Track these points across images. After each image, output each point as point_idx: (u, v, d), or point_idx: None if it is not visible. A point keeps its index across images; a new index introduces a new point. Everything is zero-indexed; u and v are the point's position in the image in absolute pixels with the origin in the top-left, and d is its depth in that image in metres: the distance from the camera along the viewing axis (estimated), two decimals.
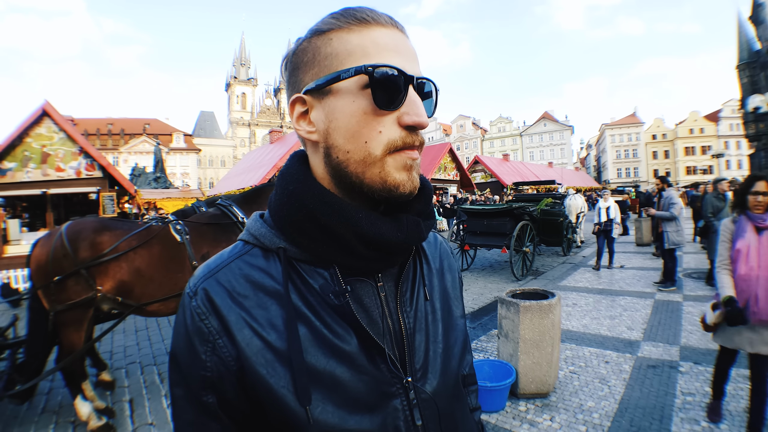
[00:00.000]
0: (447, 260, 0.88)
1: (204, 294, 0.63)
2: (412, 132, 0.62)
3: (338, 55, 0.61)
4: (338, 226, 0.62)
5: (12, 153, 12.74)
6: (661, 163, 68.28)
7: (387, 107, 0.60)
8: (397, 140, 0.61)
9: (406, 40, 0.65)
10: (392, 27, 0.64)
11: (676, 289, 7.60)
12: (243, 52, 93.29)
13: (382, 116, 0.61)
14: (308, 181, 0.66)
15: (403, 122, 0.61)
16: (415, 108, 0.61)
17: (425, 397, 0.68)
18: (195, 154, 66.34)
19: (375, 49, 0.61)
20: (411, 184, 0.63)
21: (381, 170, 0.61)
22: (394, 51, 0.61)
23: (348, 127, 0.62)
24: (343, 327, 0.63)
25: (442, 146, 27.52)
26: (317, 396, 0.59)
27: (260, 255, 0.67)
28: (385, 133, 0.61)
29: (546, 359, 3.80)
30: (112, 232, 3.50)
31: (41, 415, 3.86)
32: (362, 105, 0.61)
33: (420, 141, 0.64)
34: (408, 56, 0.63)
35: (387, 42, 0.62)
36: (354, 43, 0.61)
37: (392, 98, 0.60)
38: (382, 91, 0.59)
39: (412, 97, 0.62)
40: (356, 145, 0.62)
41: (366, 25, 0.62)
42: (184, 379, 0.63)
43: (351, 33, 0.62)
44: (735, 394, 3.70)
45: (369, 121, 0.61)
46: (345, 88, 0.61)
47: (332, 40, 0.62)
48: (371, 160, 0.61)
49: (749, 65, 28.35)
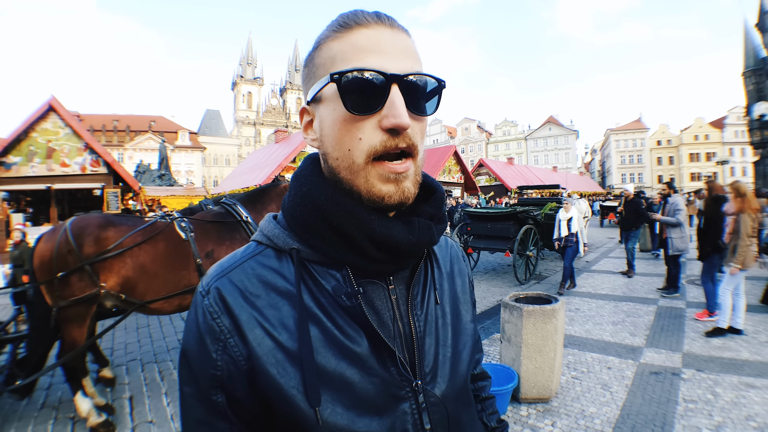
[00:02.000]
0: (458, 264, 0.88)
1: (216, 293, 0.63)
2: (394, 135, 0.60)
3: (324, 65, 0.62)
4: (350, 227, 0.62)
5: (17, 147, 12.83)
6: (665, 169, 68.11)
7: (362, 112, 0.59)
8: (376, 145, 0.59)
9: (396, 35, 0.62)
10: (376, 25, 0.61)
11: (679, 296, 7.55)
12: (250, 51, 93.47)
13: (361, 122, 0.59)
14: (322, 183, 0.66)
15: (383, 125, 0.59)
16: (393, 109, 0.58)
17: (434, 401, 0.68)
18: (200, 153, 66.48)
19: (353, 52, 0.60)
20: (400, 195, 0.62)
21: (366, 180, 0.61)
22: (373, 51, 0.60)
23: (333, 135, 0.62)
24: (354, 329, 0.63)
25: (446, 149, 27.52)
26: (327, 397, 0.59)
27: (273, 256, 0.68)
28: (365, 139, 0.59)
29: (548, 364, 3.78)
30: (117, 228, 3.50)
31: (41, 411, 3.86)
32: (340, 112, 0.60)
33: (408, 143, 0.61)
34: (392, 53, 0.60)
35: (365, 43, 0.60)
36: (335, 49, 0.61)
37: (367, 102, 0.59)
38: (353, 96, 0.58)
39: (392, 97, 0.59)
40: (341, 153, 0.62)
41: (347, 29, 0.61)
42: (194, 377, 0.63)
43: (335, 40, 0.62)
44: (737, 402, 3.67)
45: (349, 128, 0.60)
46: (327, 97, 0.62)
47: (321, 50, 0.63)
48: (356, 169, 0.61)
49: (755, 72, 28.24)
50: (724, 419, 3.44)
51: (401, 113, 0.58)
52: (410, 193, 0.63)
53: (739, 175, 60.00)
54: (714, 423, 3.39)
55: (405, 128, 0.59)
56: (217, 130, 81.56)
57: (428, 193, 0.76)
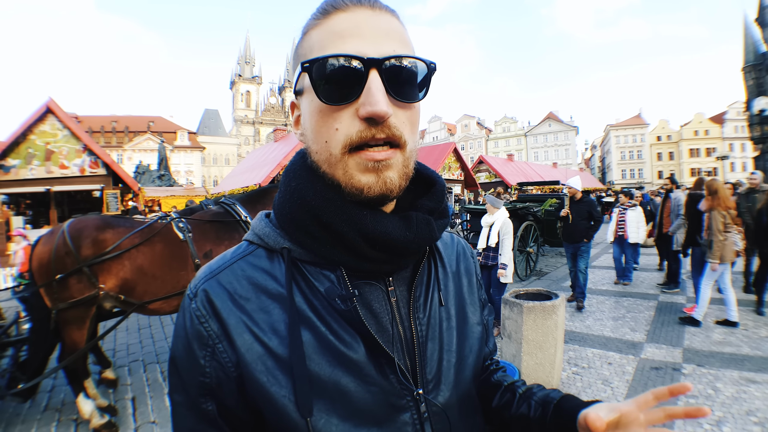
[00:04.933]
0: (464, 262, 0.84)
1: (204, 296, 0.60)
2: (372, 125, 0.55)
3: (305, 55, 0.59)
4: (341, 224, 0.59)
5: (16, 150, 12.82)
6: (665, 165, 67.96)
7: (336, 102, 0.55)
8: (352, 136, 0.55)
9: (378, 16, 0.58)
10: (355, 7, 0.57)
11: (679, 291, 7.56)
12: (248, 51, 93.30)
13: (337, 111, 0.56)
14: (310, 177, 0.62)
15: (359, 114, 0.55)
16: (369, 96, 0.54)
17: (437, 411, 0.64)
18: (199, 152, 66.43)
19: (330, 38, 0.56)
20: (381, 186, 0.57)
21: (344, 171, 0.58)
22: (351, 35, 0.56)
23: (312, 127, 0.59)
24: (350, 333, 0.59)
25: (446, 146, 27.44)
26: (320, 407, 0.56)
27: (264, 256, 0.64)
28: (342, 129, 0.56)
29: (549, 360, 3.78)
30: (115, 229, 3.50)
31: (44, 413, 3.87)
32: (316, 103, 0.57)
33: (387, 134, 0.56)
34: (372, 36, 0.56)
35: (343, 27, 0.56)
36: (314, 38, 0.58)
37: (342, 91, 0.55)
38: (326, 85, 0.55)
39: (369, 84, 0.54)
40: (320, 145, 0.59)
41: (327, 15, 0.58)
42: (183, 384, 0.60)
43: (315, 28, 0.59)
44: (738, 398, 3.67)
45: (325, 119, 0.57)
46: (306, 88, 0.59)
47: (304, 40, 0.61)
48: (333, 161, 0.58)
49: (755, 67, 28.16)
50: (725, 414, 3.44)
51: (377, 100, 0.53)
52: (393, 185, 0.58)
53: (739, 171, 59.97)
54: (715, 418, 3.40)
55: (382, 117, 0.54)
56: (216, 130, 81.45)
57: (428, 186, 0.72)
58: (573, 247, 7.06)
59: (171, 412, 0.63)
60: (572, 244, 7.06)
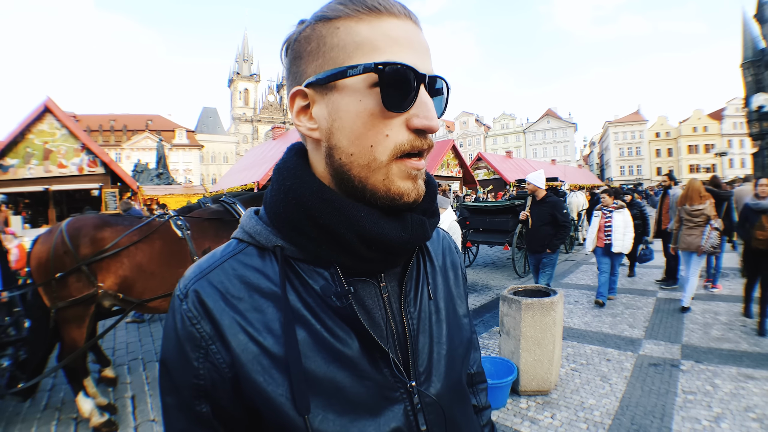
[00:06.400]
0: (450, 256, 0.85)
1: (195, 296, 0.59)
2: (421, 136, 0.58)
3: (345, 48, 0.56)
4: (339, 225, 0.58)
5: (14, 149, 12.79)
6: (664, 161, 67.96)
7: (397, 109, 0.55)
8: (404, 144, 0.57)
9: (419, 32, 0.60)
10: (405, 18, 0.58)
11: (678, 288, 7.56)
12: (246, 48, 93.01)
13: (390, 118, 0.56)
14: (307, 177, 0.62)
15: (412, 125, 0.57)
16: (425, 110, 0.57)
17: (429, 401, 0.66)
18: (198, 151, 66.38)
19: (386, 43, 0.56)
20: (416, 193, 0.60)
21: (386, 177, 0.58)
22: (407, 46, 0.57)
23: (353, 129, 0.57)
24: (344, 330, 0.60)
25: (445, 143, 27.40)
26: (317, 404, 0.56)
27: (255, 254, 0.64)
28: (393, 136, 0.56)
29: (547, 357, 3.79)
30: (113, 227, 3.49)
31: (43, 412, 3.87)
32: (369, 105, 0.56)
33: (429, 145, 0.60)
34: (421, 52, 0.58)
35: (399, 35, 0.56)
36: (363, 34, 0.56)
37: (403, 99, 0.56)
38: (392, 92, 0.55)
39: (422, 97, 0.57)
40: (360, 149, 0.57)
41: (377, 14, 0.56)
42: (175, 387, 0.60)
43: (360, 23, 0.56)
44: (736, 394, 3.68)
45: (376, 123, 0.56)
46: (351, 86, 0.56)
47: (339, 29, 0.57)
48: (376, 166, 0.57)
49: (754, 63, 28.15)
50: (723, 410, 3.45)
51: (434, 116, 0.57)
52: (423, 191, 0.62)
53: (737, 167, 60.05)
54: (713, 414, 3.41)
55: (435, 130, 0.58)
56: (214, 128, 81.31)
57: None
58: (534, 258, 6.00)
59: (162, 415, 0.62)
60: (533, 255, 6.01)
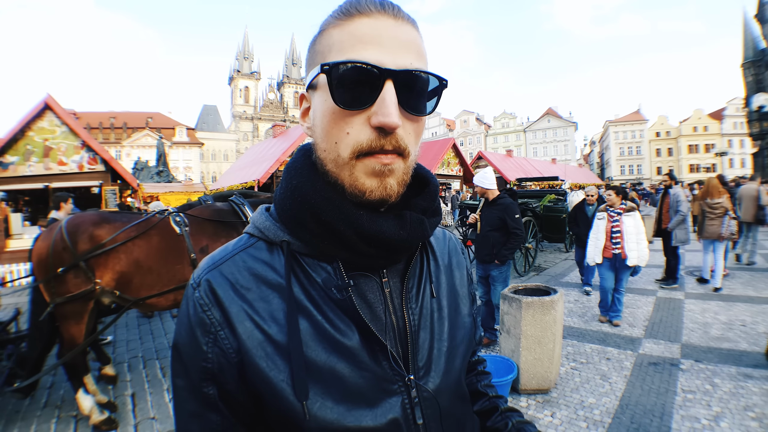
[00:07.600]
0: (456, 257, 0.87)
1: (207, 285, 0.63)
2: (381, 134, 0.57)
3: (322, 52, 0.61)
4: (339, 223, 0.61)
5: (14, 147, 12.76)
6: (664, 161, 67.96)
7: (350, 107, 0.57)
8: (362, 143, 0.58)
9: (399, 26, 0.59)
10: (378, 14, 0.58)
11: (678, 287, 7.57)
12: (246, 46, 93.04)
13: (350, 116, 0.58)
14: (311, 176, 0.65)
15: (371, 123, 0.57)
16: (383, 107, 0.56)
17: (427, 396, 0.67)
18: (198, 148, 66.41)
19: (350, 42, 0.57)
20: (382, 192, 0.60)
21: (350, 174, 0.60)
22: (372, 42, 0.57)
23: (323, 126, 0.61)
24: (345, 322, 0.63)
25: (445, 141, 27.42)
26: (316, 391, 0.59)
27: (264, 248, 0.67)
28: (353, 134, 0.58)
29: (547, 355, 3.79)
30: (111, 224, 3.49)
31: (43, 410, 3.87)
32: (330, 104, 0.58)
33: (394, 145, 0.58)
34: (392, 46, 0.57)
35: (364, 33, 0.57)
36: (335, 38, 0.59)
37: (358, 97, 0.57)
38: (342, 90, 0.57)
39: (384, 94, 0.56)
40: (329, 145, 0.61)
41: (349, 17, 0.59)
42: (185, 369, 0.63)
43: (335, 27, 0.60)
44: (735, 393, 3.69)
45: (337, 120, 0.59)
46: (320, 86, 0.61)
47: (323, 37, 0.62)
48: (341, 162, 0.60)
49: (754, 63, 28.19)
50: (723, 409, 3.46)
51: (390, 112, 0.56)
52: (393, 191, 0.61)
53: (737, 167, 60.02)
54: (712, 413, 3.41)
55: (393, 129, 0.57)
56: (214, 126, 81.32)
57: (421, 185, 0.74)
58: (482, 268, 5.15)
59: (173, 397, 0.66)
60: (480, 265, 5.18)
